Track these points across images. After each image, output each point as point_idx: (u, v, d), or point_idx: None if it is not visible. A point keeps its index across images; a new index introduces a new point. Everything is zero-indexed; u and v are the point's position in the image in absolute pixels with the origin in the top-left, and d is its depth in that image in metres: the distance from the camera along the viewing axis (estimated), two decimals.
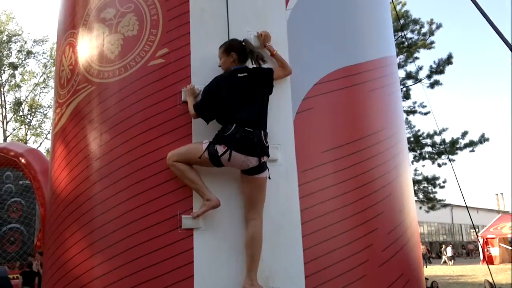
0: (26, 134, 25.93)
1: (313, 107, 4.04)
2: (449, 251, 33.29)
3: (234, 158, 3.46)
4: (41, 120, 26.36)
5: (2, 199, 13.81)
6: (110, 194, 3.95)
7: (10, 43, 25.48)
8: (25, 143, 23.96)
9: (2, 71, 25.31)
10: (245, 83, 3.64)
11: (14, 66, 25.13)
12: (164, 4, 4.12)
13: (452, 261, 32.51)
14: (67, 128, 4.53)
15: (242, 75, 3.67)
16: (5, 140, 24.13)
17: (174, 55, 3.99)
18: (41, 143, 25.98)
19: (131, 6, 4.23)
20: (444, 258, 33.65)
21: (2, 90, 25.38)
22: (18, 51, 25.73)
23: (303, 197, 3.79)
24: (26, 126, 25.94)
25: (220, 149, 3.47)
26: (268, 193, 3.68)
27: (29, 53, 25.81)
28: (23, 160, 12.27)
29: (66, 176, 4.42)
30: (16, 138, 25.46)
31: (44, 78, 26.28)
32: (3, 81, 25.45)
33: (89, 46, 4.44)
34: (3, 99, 25.40)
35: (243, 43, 3.77)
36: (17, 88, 25.81)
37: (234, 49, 3.75)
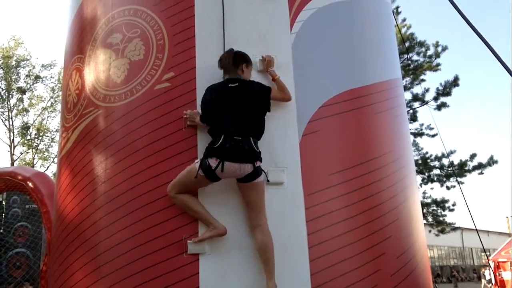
0: (33, 158, 26.03)
1: (319, 129, 4.02)
2: (487, 274, 31.95)
3: (228, 168, 3.46)
4: (48, 144, 26.50)
5: (8, 223, 13.75)
6: (115, 218, 3.93)
7: (19, 68, 25.82)
8: (32, 167, 24.05)
9: (10, 96, 25.58)
10: (234, 92, 3.65)
11: (22, 91, 25.40)
12: (170, 29, 4.15)
13: (491, 284, 31.12)
14: (73, 152, 4.53)
15: (233, 85, 3.69)
16: (12, 164, 24.22)
17: (180, 79, 4.00)
18: (48, 167, 26.08)
19: (137, 31, 4.27)
20: (483, 281, 32.20)
21: (10, 114, 25.62)
22: (27, 75, 26.02)
23: (310, 220, 3.74)
24: (34, 150, 26.07)
25: (213, 162, 3.47)
26: (274, 217, 3.65)
27: (37, 77, 26.09)
28: (30, 184, 12.21)
29: (72, 201, 4.40)
30: (24, 162, 25.55)
31: (52, 102, 26.54)
32: (11, 105, 25.71)
33: (95, 71, 4.48)
34: (11, 123, 25.63)
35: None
36: (25, 112, 26.04)
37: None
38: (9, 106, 25.69)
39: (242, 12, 4.12)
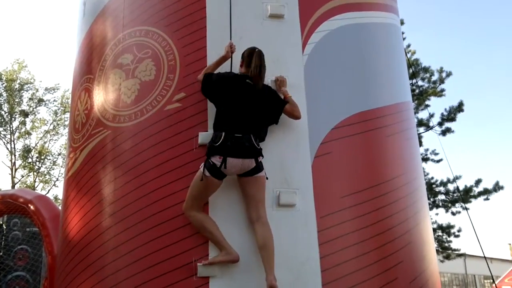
0: (35, 181, 25.87)
1: (331, 151, 3.98)
2: None
3: (232, 164, 3.48)
4: (49, 167, 26.32)
5: (9, 246, 13.57)
6: (123, 240, 3.85)
7: (22, 91, 25.83)
8: (33, 190, 23.90)
9: (13, 119, 25.57)
10: (247, 89, 3.69)
11: (25, 114, 25.37)
12: (181, 50, 4.15)
13: None
14: (80, 173, 4.47)
15: (250, 82, 3.73)
16: (13, 187, 24.06)
17: (191, 99, 3.98)
18: (49, 190, 25.90)
19: (148, 51, 4.26)
20: None
21: (12, 137, 25.57)
22: (30, 99, 26.03)
23: (323, 243, 3.67)
24: (35, 173, 25.93)
25: (216, 160, 3.49)
26: (286, 240, 3.59)
27: (40, 101, 26.09)
28: (32, 207, 12.09)
29: (79, 222, 4.33)
30: (25, 185, 25.38)
31: (54, 126, 26.42)
32: (14, 128, 25.68)
33: (105, 91, 4.46)
34: (12, 146, 25.52)
35: (251, 51, 3.81)
36: (27, 135, 25.97)
37: (243, 54, 3.86)
38: (11, 129, 25.67)
39: (254, 33, 4.12)
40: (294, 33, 4.20)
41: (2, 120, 25.28)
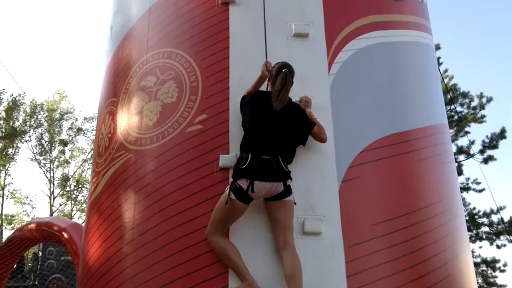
0: (72, 210, 26.36)
1: (360, 175, 3.75)
2: None
3: (260, 188, 3.30)
4: (86, 195, 26.79)
5: (43, 274, 13.69)
6: (143, 267, 3.70)
7: (62, 121, 26.69)
8: (70, 218, 24.28)
9: (52, 148, 26.30)
10: (278, 111, 3.49)
11: (64, 143, 26.11)
12: (204, 71, 4.05)
13: None
14: (102, 197, 4.38)
15: None
16: (51, 215, 24.53)
17: (213, 121, 3.86)
18: None
19: (171, 73, 4.19)
20: None
21: (51, 166, 26.23)
22: (69, 128, 26.86)
23: (351, 275, 3.42)
24: (72, 202, 26.43)
25: (243, 182, 3.31)
26: (312, 271, 3.35)
27: (79, 130, 26.88)
28: (65, 235, 12.16)
29: (99, 248, 4.22)
30: (62, 214, 25.86)
31: (92, 155, 27.07)
32: (53, 157, 26.38)
33: (128, 114, 4.39)
34: (51, 174, 26.17)
35: (280, 68, 3.60)
36: (65, 164, 26.63)
37: (272, 68, 3.69)
38: (51, 158, 26.35)
39: (278, 53, 3.98)
40: (320, 52, 4.03)
41: (43, 149, 26.01)
